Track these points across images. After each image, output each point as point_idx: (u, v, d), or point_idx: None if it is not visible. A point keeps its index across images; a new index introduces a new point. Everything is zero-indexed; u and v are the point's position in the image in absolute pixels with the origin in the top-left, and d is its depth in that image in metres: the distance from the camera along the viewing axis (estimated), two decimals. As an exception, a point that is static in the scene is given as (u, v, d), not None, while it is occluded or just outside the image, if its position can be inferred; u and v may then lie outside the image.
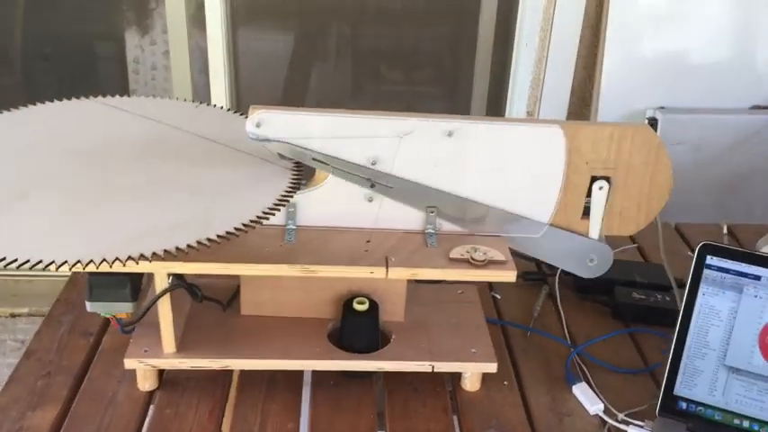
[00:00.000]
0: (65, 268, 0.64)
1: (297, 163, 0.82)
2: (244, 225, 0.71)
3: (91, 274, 0.77)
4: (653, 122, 1.63)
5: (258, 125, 0.77)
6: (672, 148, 1.60)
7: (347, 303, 0.86)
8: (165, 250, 0.67)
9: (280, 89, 2.21)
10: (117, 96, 0.97)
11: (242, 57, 2.03)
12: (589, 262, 0.86)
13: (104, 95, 0.97)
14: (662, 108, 1.64)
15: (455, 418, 0.84)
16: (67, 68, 2.30)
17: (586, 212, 0.85)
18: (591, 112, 1.72)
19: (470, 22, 2.01)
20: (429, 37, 2.13)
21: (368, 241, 0.81)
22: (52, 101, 0.95)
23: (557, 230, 0.85)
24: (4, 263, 0.63)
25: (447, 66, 2.20)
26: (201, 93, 1.94)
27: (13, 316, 1.98)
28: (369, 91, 2.23)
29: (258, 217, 0.72)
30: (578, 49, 1.69)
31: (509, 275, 0.79)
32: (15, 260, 0.63)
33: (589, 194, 0.83)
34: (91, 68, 2.33)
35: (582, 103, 1.75)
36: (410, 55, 2.16)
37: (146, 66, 2.15)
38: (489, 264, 0.79)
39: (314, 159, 0.79)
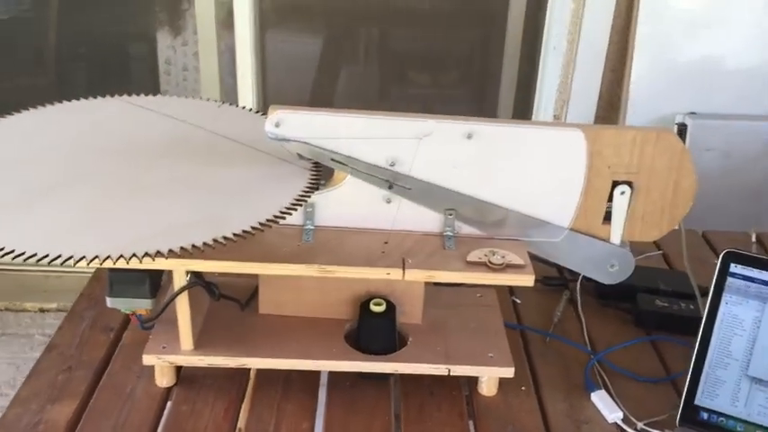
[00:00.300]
0: (82, 264, 0.64)
1: (315, 163, 0.82)
2: (260, 224, 0.71)
3: (111, 270, 0.78)
4: (682, 128, 1.60)
5: (277, 125, 0.78)
6: (701, 155, 1.59)
7: (364, 304, 0.86)
8: (182, 248, 0.67)
9: (307, 92, 2.23)
10: (141, 95, 0.98)
11: (270, 59, 2.04)
12: (610, 267, 0.85)
13: (130, 95, 0.99)
14: (692, 113, 1.62)
15: (471, 422, 0.83)
16: (101, 69, 2.34)
17: (608, 217, 0.83)
18: (619, 116, 1.69)
19: (498, 26, 2.00)
20: (456, 40, 2.12)
21: (385, 243, 0.81)
22: (78, 99, 0.97)
23: (577, 235, 0.84)
24: (23, 257, 0.64)
25: (474, 69, 2.19)
26: (230, 94, 1.96)
27: (42, 311, 2.02)
28: (396, 94, 2.23)
29: (275, 216, 0.72)
30: (607, 53, 1.67)
31: (527, 280, 0.78)
32: (34, 255, 0.64)
33: (610, 199, 0.82)
34: (124, 69, 2.37)
35: (610, 108, 1.73)
36: (437, 58, 2.16)
37: (177, 67, 2.18)
38: (507, 267, 0.79)
39: (332, 160, 0.79)
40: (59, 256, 0.64)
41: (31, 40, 2.22)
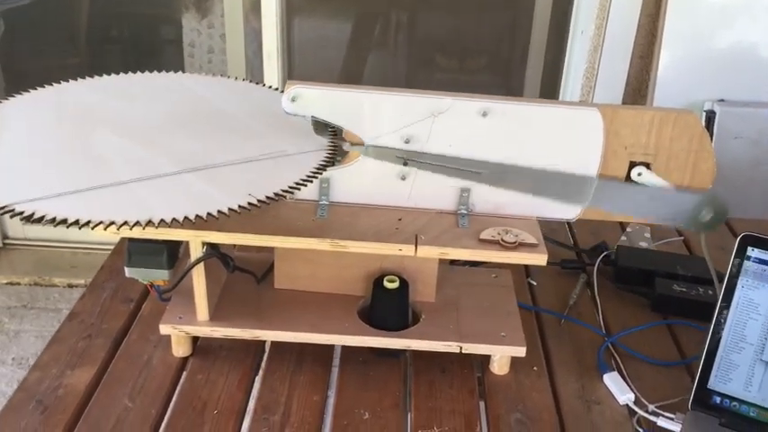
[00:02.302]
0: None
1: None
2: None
3: (131, 240, 0.79)
4: (711, 115, 1.58)
5: (293, 99, 0.78)
6: (729, 143, 1.57)
7: (378, 281, 0.86)
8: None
9: (335, 76, 2.23)
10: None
11: (298, 43, 2.05)
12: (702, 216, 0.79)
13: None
14: (721, 101, 1.59)
15: (482, 401, 0.84)
16: (130, 51, 2.37)
17: (625, 198, 0.83)
18: (647, 103, 1.67)
19: (526, 10, 1.98)
20: (484, 25, 2.11)
21: (399, 219, 0.82)
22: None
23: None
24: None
25: (501, 54, 2.18)
26: (256, 76, 1.97)
27: (70, 286, 2.07)
28: (423, 78, 2.23)
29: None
30: (635, 38, 1.65)
31: (539, 258, 0.78)
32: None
33: (628, 180, 0.82)
34: (152, 51, 2.40)
35: (637, 94, 1.71)
36: (465, 43, 2.15)
37: (201, 49, 2.20)
38: (520, 246, 0.78)
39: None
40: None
41: (64, 21, 2.26)
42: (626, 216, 0.84)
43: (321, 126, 0.82)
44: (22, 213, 0.67)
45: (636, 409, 0.81)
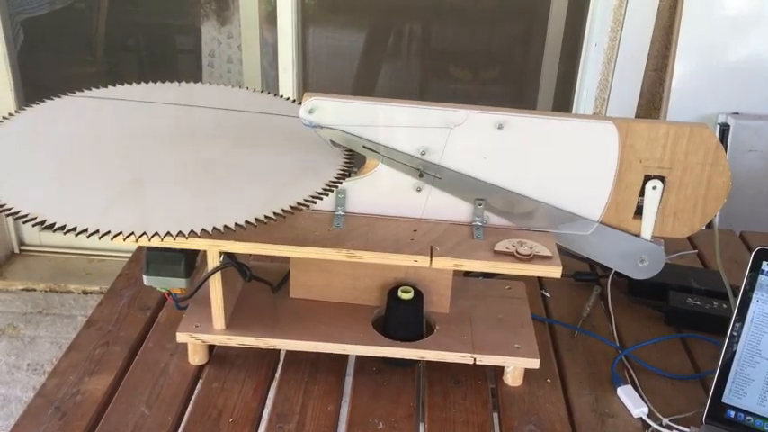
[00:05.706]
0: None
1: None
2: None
3: (149, 249, 0.80)
4: (725, 128, 1.57)
5: (311, 111, 0.79)
6: (744, 155, 1.57)
7: (393, 291, 0.87)
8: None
9: (348, 87, 2.25)
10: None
11: (312, 54, 2.07)
12: (640, 263, 0.84)
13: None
14: (735, 114, 1.59)
15: (495, 413, 0.84)
16: (148, 60, 2.40)
17: (639, 212, 0.83)
18: (660, 116, 1.67)
19: (540, 22, 1.99)
20: (498, 36, 2.12)
21: (415, 230, 0.82)
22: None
23: (607, 229, 0.83)
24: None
25: (515, 65, 2.19)
26: (272, 87, 1.99)
27: (85, 293, 2.08)
28: (436, 89, 2.24)
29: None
30: (649, 51, 1.65)
31: (554, 271, 0.78)
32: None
33: (642, 194, 0.82)
34: (171, 61, 2.42)
35: (651, 106, 1.71)
36: (479, 54, 2.16)
37: (221, 59, 2.22)
38: (534, 258, 0.79)
39: (364, 147, 0.81)
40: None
41: (82, 30, 2.29)
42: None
43: (338, 138, 0.83)
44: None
45: (650, 422, 0.81)
